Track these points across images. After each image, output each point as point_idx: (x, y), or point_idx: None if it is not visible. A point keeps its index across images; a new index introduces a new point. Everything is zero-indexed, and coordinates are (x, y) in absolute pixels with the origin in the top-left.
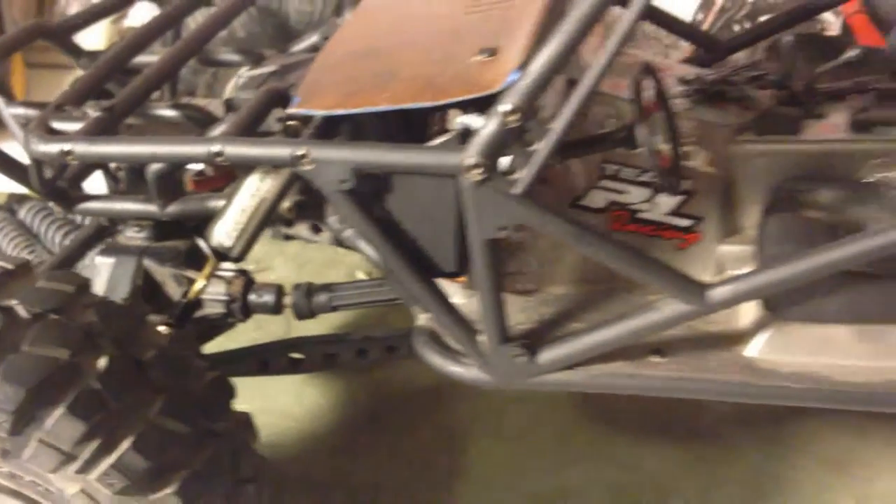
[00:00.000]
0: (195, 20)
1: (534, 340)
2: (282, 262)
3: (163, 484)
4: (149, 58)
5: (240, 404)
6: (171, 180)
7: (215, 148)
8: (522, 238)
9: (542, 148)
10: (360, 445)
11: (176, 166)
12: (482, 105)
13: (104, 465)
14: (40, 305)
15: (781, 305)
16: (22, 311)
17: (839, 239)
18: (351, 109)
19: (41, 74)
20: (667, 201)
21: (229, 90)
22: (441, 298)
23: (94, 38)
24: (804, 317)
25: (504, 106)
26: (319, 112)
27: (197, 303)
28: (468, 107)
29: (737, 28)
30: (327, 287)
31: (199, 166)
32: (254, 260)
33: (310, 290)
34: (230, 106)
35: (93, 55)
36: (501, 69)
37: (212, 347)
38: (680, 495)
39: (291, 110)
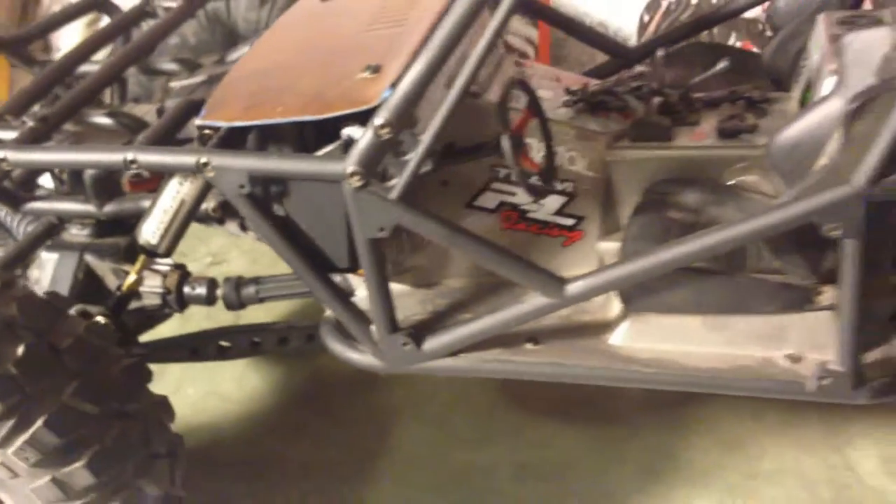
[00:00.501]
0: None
1: (422, 330)
2: (237, 256)
3: (74, 458)
4: (93, 67)
5: (188, 388)
6: (107, 182)
7: (130, 156)
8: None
9: (413, 157)
10: (295, 427)
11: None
12: (366, 118)
13: (20, 440)
14: None
15: (633, 298)
16: None
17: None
18: (248, 121)
19: (26, 74)
20: (554, 201)
21: (158, 98)
22: (335, 292)
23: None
24: (656, 308)
25: (378, 120)
26: (222, 123)
27: (131, 294)
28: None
29: None
30: (255, 280)
31: None
32: (210, 254)
33: (238, 283)
34: (160, 113)
35: (45, 64)
36: (381, 86)
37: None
38: (579, 472)
39: (198, 121)
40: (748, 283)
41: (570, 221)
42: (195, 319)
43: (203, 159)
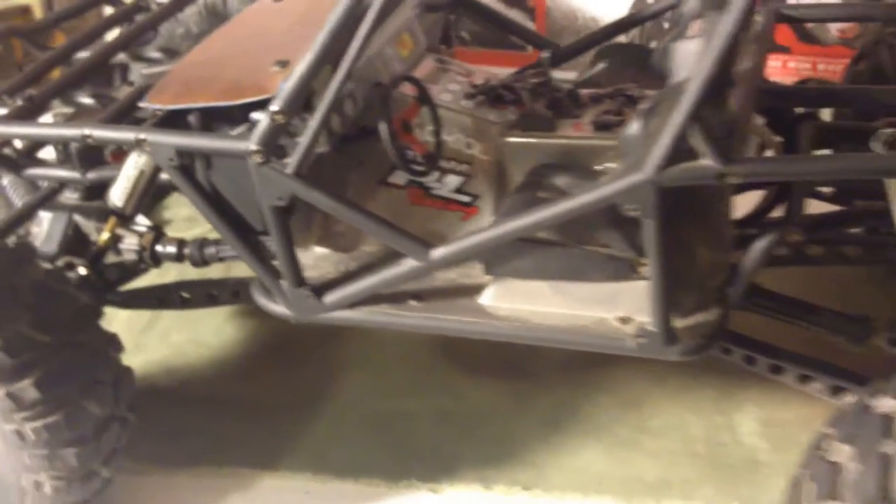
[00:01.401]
0: None
1: (329, 286)
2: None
3: (25, 376)
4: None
5: (174, 335)
6: (91, 153)
7: (86, 132)
8: None
9: (303, 139)
10: (256, 371)
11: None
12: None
13: None
14: None
15: (491, 265)
16: None
17: None
18: (178, 105)
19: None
20: (454, 180)
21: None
22: (252, 250)
23: None
24: (512, 274)
25: (273, 107)
26: (157, 106)
27: (106, 249)
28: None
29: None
30: (216, 241)
31: None
32: (187, 218)
33: (202, 243)
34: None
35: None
36: (282, 78)
37: None
38: (491, 420)
39: (142, 104)
40: (581, 254)
41: (467, 199)
42: (170, 276)
43: (141, 136)
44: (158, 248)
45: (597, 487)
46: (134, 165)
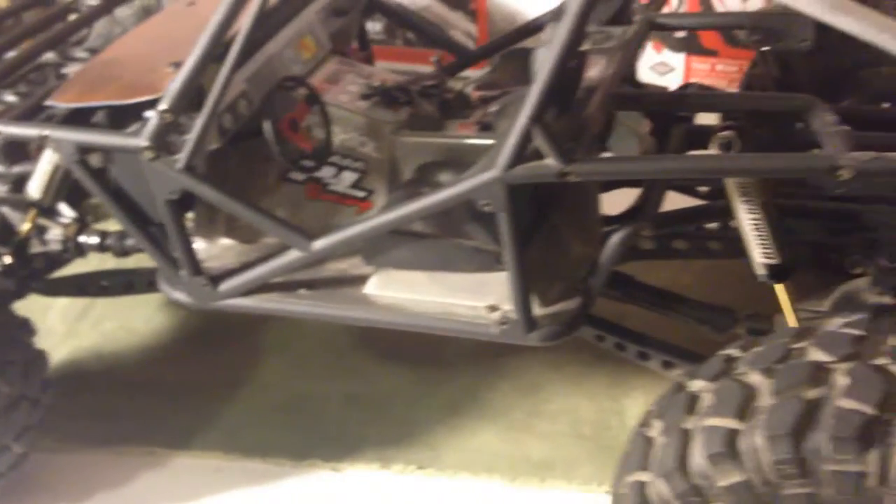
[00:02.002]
0: None
1: (223, 275)
2: None
3: None
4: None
5: (106, 322)
6: (14, 149)
7: None
8: None
9: (191, 136)
10: (181, 356)
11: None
12: None
13: None
14: None
15: (370, 256)
16: None
17: None
18: (78, 104)
19: None
20: (349, 176)
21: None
22: (151, 241)
23: None
24: (392, 264)
25: (160, 106)
26: (60, 104)
27: (28, 239)
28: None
29: None
30: None
31: None
32: None
33: (123, 235)
34: None
35: None
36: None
37: None
38: (396, 403)
39: (47, 101)
40: (450, 246)
41: (362, 193)
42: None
43: (44, 132)
44: (82, 238)
45: (487, 467)
46: (48, 160)
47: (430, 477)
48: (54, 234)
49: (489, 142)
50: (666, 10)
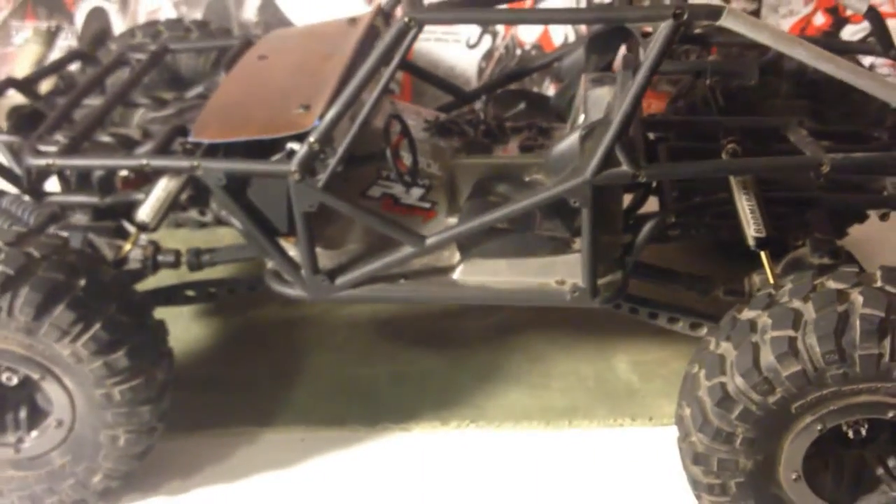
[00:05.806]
0: None
1: (335, 272)
2: (172, 244)
3: (117, 349)
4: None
5: None
6: (107, 181)
7: (144, 161)
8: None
9: (331, 163)
10: (233, 357)
11: (112, 172)
12: (301, 138)
13: (85, 337)
14: (46, 251)
15: (464, 248)
16: (36, 254)
17: None
18: (225, 139)
19: None
20: (417, 192)
21: (136, 122)
22: (280, 249)
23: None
24: (479, 255)
25: (311, 138)
26: (206, 140)
27: (125, 259)
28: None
29: None
30: (210, 250)
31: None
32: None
33: (198, 251)
34: (146, 133)
35: (47, 98)
36: (310, 118)
37: None
38: (435, 378)
39: (190, 139)
40: (530, 236)
41: (427, 205)
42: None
43: (195, 163)
44: (160, 257)
45: (524, 416)
46: (163, 188)
47: (482, 429)
48: (135, 254)
49: (534, 160)
50: None
